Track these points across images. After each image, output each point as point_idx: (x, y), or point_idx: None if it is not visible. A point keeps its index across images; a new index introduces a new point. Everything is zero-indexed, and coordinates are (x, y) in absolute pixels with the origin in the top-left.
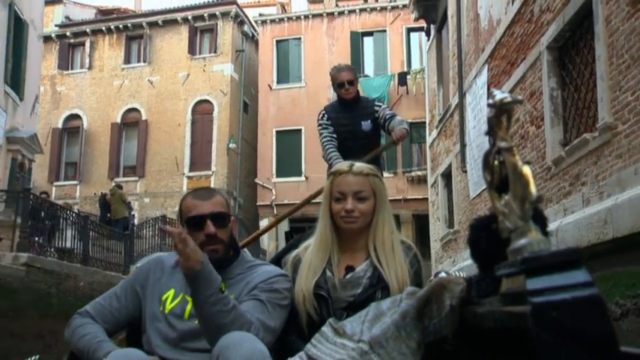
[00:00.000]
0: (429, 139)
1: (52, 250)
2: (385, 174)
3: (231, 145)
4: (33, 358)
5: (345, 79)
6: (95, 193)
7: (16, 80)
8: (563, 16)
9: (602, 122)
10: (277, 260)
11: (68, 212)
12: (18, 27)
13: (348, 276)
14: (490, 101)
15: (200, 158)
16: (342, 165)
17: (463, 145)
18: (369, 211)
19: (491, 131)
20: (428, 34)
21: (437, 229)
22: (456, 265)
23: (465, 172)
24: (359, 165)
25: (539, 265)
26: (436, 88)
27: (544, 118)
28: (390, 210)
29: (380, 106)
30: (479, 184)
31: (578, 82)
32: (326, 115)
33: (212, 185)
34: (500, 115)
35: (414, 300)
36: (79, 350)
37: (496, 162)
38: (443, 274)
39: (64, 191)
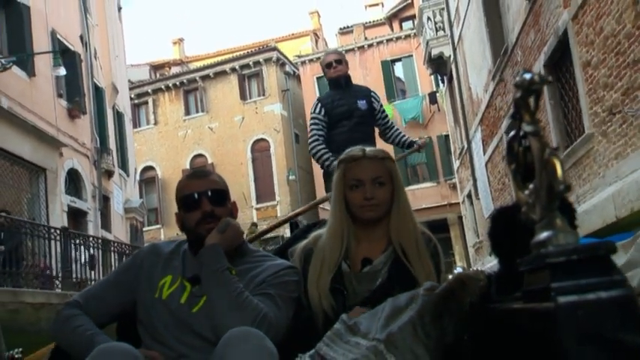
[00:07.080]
0: (455, 165)
1: None
2: (429, 184)
3: (290, 177)
4: (15, 350)
5: (332, 59)
6: (177, 234)
7: (123, 162)
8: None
9: None
10: (281, 252)
11: None
12: (119, 120)
13: (366, 269)
14: (517, 81)
15: (264, 190)
16: (354, 150)
17: (475, 179)
18: (388, 198)
19: (517, 114)
20: (443, 82)
21: (470, 238)
22: (484, 267)
23: (479, 199)
24: (372, 149)
25: (563, 259)
26: (454, 126)
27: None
28: (407, 196)
29: (376, 95)
30: (488, 209)
31: None
32: (321, 107)
33: (278, 213)
34: (527, 96)
35: (432, 297)
36: (69, 343)
37: (521, 148)
38: (459, 269)
39: (150, 235)
